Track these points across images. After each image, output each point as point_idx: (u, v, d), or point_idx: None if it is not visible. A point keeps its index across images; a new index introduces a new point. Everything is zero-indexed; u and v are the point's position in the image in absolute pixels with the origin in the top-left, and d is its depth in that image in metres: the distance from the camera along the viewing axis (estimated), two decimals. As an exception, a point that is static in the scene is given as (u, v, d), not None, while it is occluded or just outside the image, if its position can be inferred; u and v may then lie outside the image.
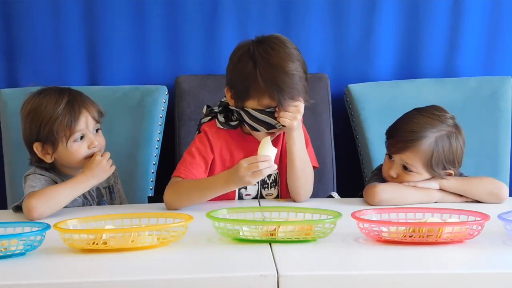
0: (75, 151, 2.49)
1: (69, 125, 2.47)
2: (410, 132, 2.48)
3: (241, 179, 2.29)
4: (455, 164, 2.50)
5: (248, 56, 2.44)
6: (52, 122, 2.48)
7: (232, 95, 2.48)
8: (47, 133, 2.48)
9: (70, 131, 2.48)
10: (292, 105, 2.41)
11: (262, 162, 2.26)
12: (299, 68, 2.43)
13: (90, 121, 2.52)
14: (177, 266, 1.79)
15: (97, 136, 2.53)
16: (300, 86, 2.42)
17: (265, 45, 2.44)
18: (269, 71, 2.40)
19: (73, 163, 2.51)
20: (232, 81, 2.48)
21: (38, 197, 2.33)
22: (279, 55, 2.42)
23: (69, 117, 2.48)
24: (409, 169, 2.48)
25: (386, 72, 3.15)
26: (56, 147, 2.49)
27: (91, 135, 2.51)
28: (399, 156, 2.49)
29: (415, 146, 2.46)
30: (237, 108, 2.47)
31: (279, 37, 2.48)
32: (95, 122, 2.54)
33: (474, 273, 1.71)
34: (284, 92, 2.39)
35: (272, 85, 2.39)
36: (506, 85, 3.06)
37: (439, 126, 2.48)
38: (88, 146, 2.49)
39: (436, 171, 2.47)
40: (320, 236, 1.92)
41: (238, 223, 1.90)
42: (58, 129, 2.47)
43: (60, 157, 2.51)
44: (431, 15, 3.13)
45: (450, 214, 2.04)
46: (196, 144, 2.53)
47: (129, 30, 3.09)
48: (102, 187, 2.61)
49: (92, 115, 2.53)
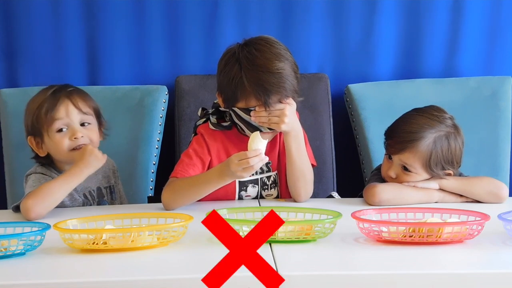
0: (58, 142, 2.47)
1: (47, 112, 2.46)
2: (409, 132, 2.48)
3: (233, 174, 2.29)
4: (454, 164, 2.50)
5: (234, 59, 2.44)
6: (36, 112, 2.48)
7: (223, 99, 2.49)
8: (33, 124, 2.49)
9: (49, 119, 2.46)
10: (277, 109, 2.40)
11: (253, 158, 2.26)
12: (286, 67, 2.41)
13: (72, 110, 2.49)
14: (177, 266, 1.79)
15: (86, 130, 2.50)
16: (288, 85, 2.40)
17: (250, 47, 2.44)
18: (254, 72, 2.39)
19: (60, 156, 2.49)
20: (221, 86, 2.48)
21: (33, 197, 2.32)
22: (264, 55, 2.41)
23: (47, 104, 2.48)
24: (408, 170, 2.48)
25: (386, 72, 3.15)
26: (42, 138, 2.49)
27: (74, 126, 2.48)
28: (398, 156, 2.49)
29: (414, 146, 2.46)
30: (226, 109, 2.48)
31: (266, 38, 2.48)
32: (81, 114, 2.50)
33: (474, 273, 1.71)
34: (270, 92, 2.39)
35: (257, 86, 2.39)
36: (506, 85, 3.06)
37: (438, 127, 2.48)
38: (70, 137, 2.47)
39: (435, 172, 2.47)
40: (320, 236, 1.92)
41: (238, 223, 1.90)
42: (38, 118, 2.47)
43: (49, 150, 2.50)
44: (431, 15, 3.13)
45: (450, 214, 2.04)
46: (193, 145, 2.53)
47: (129, 30, 3.09)
48: (103, 187, 2.60)
49: (76, 105, 2.49)
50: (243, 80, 2.40)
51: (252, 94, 2.40)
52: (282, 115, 2.41)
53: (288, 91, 2.41)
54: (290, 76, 2.41)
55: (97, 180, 2.59)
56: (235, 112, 2.45)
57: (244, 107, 2.43)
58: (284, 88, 2.40)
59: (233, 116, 2.47)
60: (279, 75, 2.39)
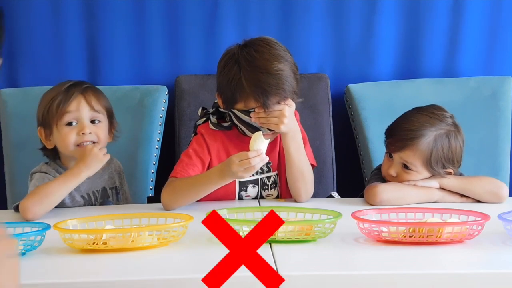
0: (65, 135, 2.47)
1: (59, 105, 2.48)
2: (409, 130, 2.48)
3: (234, 174, 2.29)
4: (454, 163, 2.50)
5: (233, 60, 2.44)
6: (49, 104, 2.50)
7: (223, 100, 2.48)
8: (44, 115, 2.51)
9: (60, 111, 2.47)
10: (276, 110, 2.40)
11: (254, 158, 2.25)
12: (285, 68, 2.40)
13: (84, 106, 2.50)
14: (177, 266, 1.79)
15: (95, 127, 2.50)
16: (287, 86, 2.40)
17: (249, 48, 2.44)
18: (253, 73, 2.39)
19: (65, 150, 2.49)
20: (220, 87, 2.48)
21: (31, 197, 2.32)
22: (263, 56, 2.41)
23: (61, 97, 2.50)
24: (409, 168, 2.48)
25: (386, 72, 3.15)
26: (51, 130, 2.49)
27: (84, 121, 2.49)
28: (399, 154, 2.49)
29: (414, 144, 2.46)
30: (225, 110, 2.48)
31: (266, 39, 2.48)
32: (92, 111, 2.51)
33: (474, 273, 1.71)
34: (268, 94, 2.38)
35: (256, 87, 2.38)
36: (506, 85, 3.06)
37: (438, 125, 2.48)
38: (78, 132, 2.48)
39: (435, 170, 2.47)
40: (320, 236, 1.92)
41: (238, 223, 1.89)
42: (50, 109, 2.49)
43: (56, 143, 2.51)
44: (431, 15, 3.13)
45: (450, 214, 2.04)
46: (193, 145, 2.53)
47: (129, 30, 3.08)
48: (109, 188, 2.60)
49: (88, 102, 2.51)
50: (242, 81, 2.40)
51: (251, 95, 2.40)
52: (281, 116, 2.40)
53: (287, 92, 2.41)
54: (289, 77, 2.41)
55: (103, 180, 2.59)
56: (235, 114, 2.45)
57: (243, 108, 2.43)
58: (283, 89, 2.40)
59: (233, 117, 2.47)
60: (278, 76, 2.39)
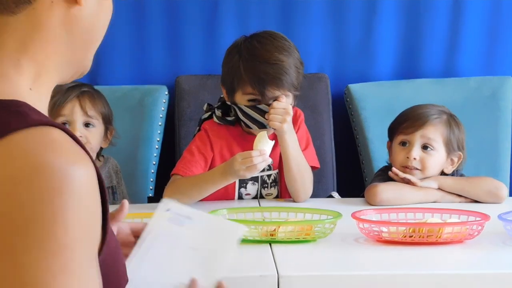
0: None
1: (53, 106, 2.48)
2: (424, 112, 2.53)
3: (236, 173, 2.29)
4: (464, 147, 2.54)
5: (235, 50, 2.46)
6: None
7: (226, 91, 2.49)
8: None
9: (54, 113, 2.47)
10: (279, 107, 2.38)
11: (257, 157, 2.25)
12: (286, 60, 2.40)
13: (77, 110, 2.50)
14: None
15: (86, 131, 2.50)
16: (286, 77, 2.39)
17: (253, 39, 2.46)
18: (251, 62, 2.40)
19: None
20: (223, 76, 2.50)
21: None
22: (265, 47, 2.42)
23: (58, 98, 2.49)
24: (429, 148, 2.48)
25: (386, 72, 3.15)
26: None
27: (75, 125, 2.49)
28: (420, 133, 2.49)
29: (434, 120, 2.51)
30: (230, 103, 2.48)
31: (272, 33, 2.49)
32: (85, 116, 2.51)
33: (474, 273, 1.71)
34: (265, 83, 2.38)
35: (253, 75, 2.39)
36: (506, 85, 3.06)
37: (443, 112, 2.55)
38: None
39: (453, 148, 2.51)
40: (320, 236, 1.92)
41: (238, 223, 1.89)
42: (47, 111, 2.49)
43: None
44: (431, 15, 3.13)
45: (450, 214, 2.04)
46: (196, 142, 2.53)
47: (129, 30, 3.08)
48: (105, 187, 2.60)
49: (82, 107, 2.51)
50: (240, 69, 2.41)
51: (248, 83, 2.40)
52: (285, 114, 2.40)
53: (285, 83, 2.40)
54: (290, 70, 2.40)
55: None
56: (240, 108, 2.45)
57: (241, 96, 2.43)
58: (280, 80, 2.39)
59: (238, 111, 2.46)
60: (277, 66, 2.39)
